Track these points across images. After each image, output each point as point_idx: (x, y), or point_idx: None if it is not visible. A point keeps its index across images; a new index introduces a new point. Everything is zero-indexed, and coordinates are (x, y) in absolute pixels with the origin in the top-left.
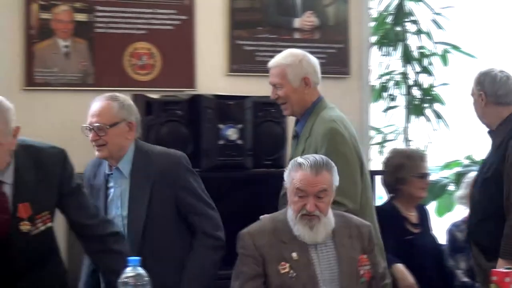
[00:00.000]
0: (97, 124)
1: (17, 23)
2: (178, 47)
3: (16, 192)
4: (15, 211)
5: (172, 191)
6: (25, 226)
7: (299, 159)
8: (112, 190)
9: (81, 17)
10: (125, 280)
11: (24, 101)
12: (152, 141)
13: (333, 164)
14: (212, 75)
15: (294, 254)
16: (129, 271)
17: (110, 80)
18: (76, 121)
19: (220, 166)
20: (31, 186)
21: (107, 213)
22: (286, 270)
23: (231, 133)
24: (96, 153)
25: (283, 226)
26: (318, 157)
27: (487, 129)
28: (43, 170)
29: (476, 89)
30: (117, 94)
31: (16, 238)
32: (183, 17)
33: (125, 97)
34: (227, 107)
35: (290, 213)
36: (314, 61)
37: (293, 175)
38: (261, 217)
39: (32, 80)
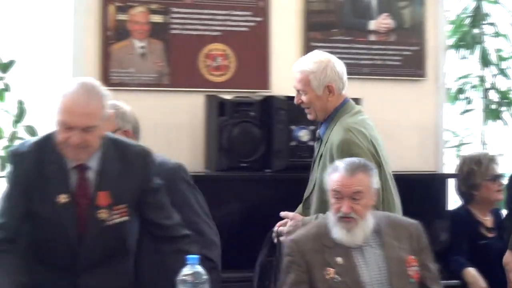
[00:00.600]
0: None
1: (94, 25)
2: (253, 48)
3: (99, 179)
4: (95, 198)
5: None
6: (102, 214)
7: (337, 161)
8: None
9: (157, 18)
10: (183, 278)
11: None
12: (225, 142)
13: (371, 166)
14: (286, 77)
15: (339, 259)
16: (187, 269)
17: (184, 81)
18: (151, 120)
19: (292, 167)
20: (113, 177)
21: None
22: (331, 275)
23: (303, 134)
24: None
25: (326, 231)
26: (356, 159)
27: None
28: (127, 164)
29: None
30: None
31: (92, 225)
32: (258, 19)
33: None
34: (299, 108)
35: (330, 216)
36: (340, 66)
37: (330, 177)
38: (282, 213)
39: (108, 81)
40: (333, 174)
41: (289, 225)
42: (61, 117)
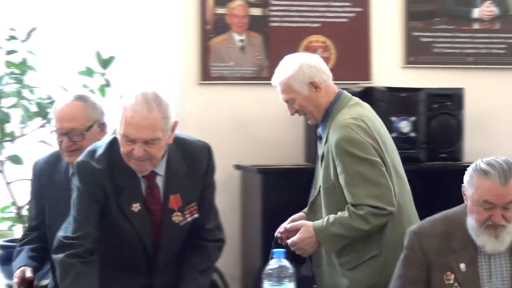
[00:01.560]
0: (72, 130)
1: (193, 19)
2: (353, 39)
3: (167, 183)
4: (167, 202)
5: None
6: (177, 217)
7: (483, 164)
8: None
9: (256, 11)
10: (269, 271)
11: (200, 94)
12: None
13: None
14: (388, 68)
15: (462, 266)
16: (273, 263)
17: None
18: (251, 114)
19: None
20: (180, 178)
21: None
22: (451, 281)
23: (404, 125)
24: (67, 158)
25: (457, 232)
26: (503, 161)
27: None
28: (191, 162)
29: None
30: (83, 93)
31: (167, 229)
32: (358, 9)
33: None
34: (400, 99)
35: (471, 221)
36: (314, 60)
37: (478, 183)
38: (289, 225)
39: (208, 75)
40: (483, 180)
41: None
42: (122, 130)
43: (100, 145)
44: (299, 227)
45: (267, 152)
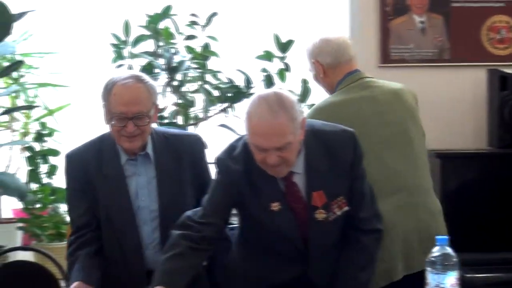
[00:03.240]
0: (139, 113)
1: (373, 1)
2: None
3: (308, 180)
4: (310, 199)
5: (192, 174)
6: (320, 215)
7: None
8: (134, 179)
9: None
10: (432, 259)
11: (380, 77)
12: (506, 117)
13: None
14: None
15: None
16: (436, 251)
17: (465, 55)
18: (431, 97)
19: None
20: (322, 174)
21: (133, 205)
22: None
23: None
24: (128, 144)
25: None
26: None
27: None
28: (335, 156)
29: None
30: (140, 73)
31: (313, 226)
32: None
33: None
34: None
35: None
36: (322, 40)
37: None
38: None
39: (388, 57)
40: None
41: None
42: (251, 139)
43: (238, 143)
44: None
45: (448, 136)
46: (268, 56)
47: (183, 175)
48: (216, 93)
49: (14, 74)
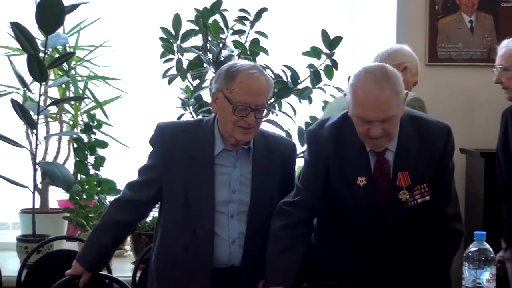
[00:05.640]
0: (262, 105)
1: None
2: None
3: (397, 160)
4: (395, 179)
5: (281, 178)
6: (404, 195)
7: None
8: (229, 170)
9: None
10: (469, 254)
11: (428, 76)
12: None
13: None
14: None
15: None
16: (473, 246)
17: None
18: (480, 97)
19: None
20: (412, 156)
21: (215, 195)
22: None
23: None
24: (241, 136)
25: None
26: None
27: None
28: (427, 142)
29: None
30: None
31: (393, 206)
32: None
33: None
34: None
35: None
36: None
37: None
38: None
39: (436, 56)
40: None
41: None
42: (356, 111)
43: (329, 118)
44: None
45: (495, 136)
46: (315, 53)
47: (275, 176)
48: None
49: (65, 66)
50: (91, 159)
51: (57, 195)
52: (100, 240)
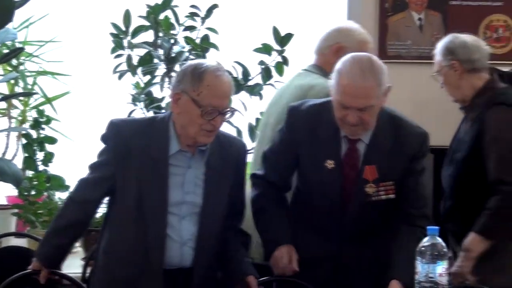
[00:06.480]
0: (228, 107)
1: None
2: None
3: (367, 152)
4: (362, 171)
5: (233, 181)
6: (370, 189)
7: None
8: (183, 171)
9: None
10: (422, 249)
11: None
12: None
13: None
14: None
15: None
16: (426, 240)
17: None
18: (426, 94)
19: None
20: (383, 152)
21: (168, 196)
22: None
23: None
24: (205, 138)
25: None
26: None
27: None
28: (401, 142)
29: (445, 60)
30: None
31: (357, 197)
32: None
33: None
34: None
35: None
36: None
37: None
38: None
39: (385, 53)
40: None
41: None
42: (337, 96)
43: (319, 99)
44: None
45: (442, 132)
46: (266, 49)
47: (228, 179)
48: None
49: (14, 61)
50: (40, 155)
51: (5, 191)
52: (58, 242)
